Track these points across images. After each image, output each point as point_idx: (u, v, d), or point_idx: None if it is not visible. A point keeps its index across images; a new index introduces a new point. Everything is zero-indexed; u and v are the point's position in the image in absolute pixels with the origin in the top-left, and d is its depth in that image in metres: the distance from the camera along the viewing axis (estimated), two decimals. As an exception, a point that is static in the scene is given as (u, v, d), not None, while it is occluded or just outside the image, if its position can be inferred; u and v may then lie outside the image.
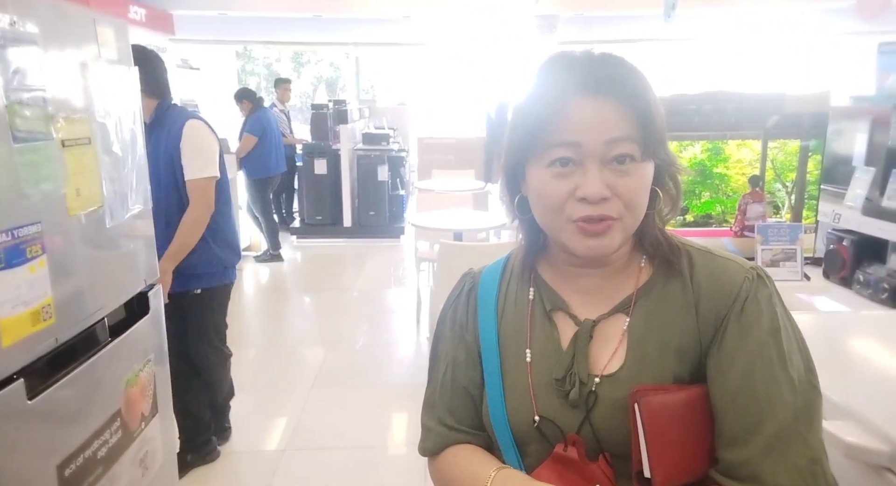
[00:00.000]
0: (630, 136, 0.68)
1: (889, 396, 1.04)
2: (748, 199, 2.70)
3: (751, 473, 0.65)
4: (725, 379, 0.69)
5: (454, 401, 0.82)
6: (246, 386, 3.13)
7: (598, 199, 0.67)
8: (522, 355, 0.77)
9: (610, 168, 0.68)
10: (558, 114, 0.68)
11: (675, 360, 0.71)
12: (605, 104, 0.68)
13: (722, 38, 8.52)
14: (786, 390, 0.67)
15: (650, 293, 0.75)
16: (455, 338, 0.84)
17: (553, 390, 0.74)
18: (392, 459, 2.52)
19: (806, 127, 2.71)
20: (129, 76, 1.52)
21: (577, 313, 0.77)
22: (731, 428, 0.67)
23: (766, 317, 0.69)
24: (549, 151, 0.69)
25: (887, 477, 0.88)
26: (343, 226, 6.24)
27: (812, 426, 0.67)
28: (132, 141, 1.51)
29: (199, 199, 2.09)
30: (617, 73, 0.69)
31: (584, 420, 0.72)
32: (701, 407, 0.69)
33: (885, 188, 3.11)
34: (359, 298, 4.59)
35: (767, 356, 0.68)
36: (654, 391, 0.69)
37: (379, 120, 7.44)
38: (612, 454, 0.72)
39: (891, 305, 3.24)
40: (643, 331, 0.73)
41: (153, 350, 1.63)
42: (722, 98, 2.45)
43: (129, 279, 1.53)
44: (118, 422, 1.45)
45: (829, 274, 3.67)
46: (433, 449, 0.83)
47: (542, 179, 0.70)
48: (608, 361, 0.73)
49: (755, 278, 0.71)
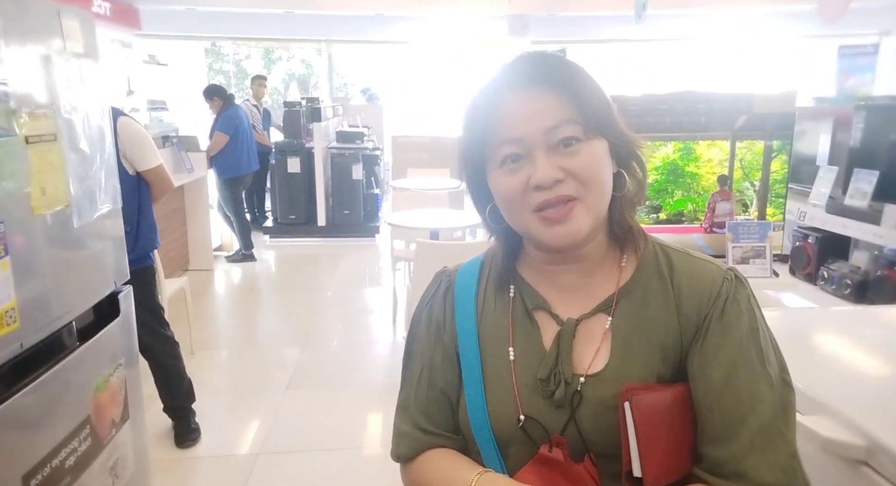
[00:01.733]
0: (568, 118, 0.69)
1: (863, 391, 1.06)
2: (717, 197, 2.76)
3: (735, 469, 0.66)
4: (709, 378, 0.69)
5: (430, 404, 0.81)
6: (218, 388, 3.07)
7: (551, 182, 0.68)
8: (505, 355, 0.76)
9: (558, 152, 0.69)
10: (495, 114, 0.71)
11: (659, 359, 0.72)
12: (537, 95, 0.70)
13: (690, 40, 8.69)
14: (765, 387, 0.68)
15: (632, 294, 0.75)
16: (431, 339, 0.82)
17: (537, 391, 0.74)
18: (370, 460, 2.50)
19: (773, 127, 2.78)
20: (96, 70, 1.47)
21: (559, 313, 0.77)
22: (715, 426, 0.68)
23: (746, 317, 0.71)
24: (497, 152, 0.71)
25: (863, 471, 0.90)
26: (317, 225, 6.17)
27: (788, 422, 0.68)
28: (100, 137, 1.46)
29: (163, 182, 2.37)
30: (542, 64, 0.72)
31: (569, 420, 0.72)
32: (685, 405, 0.70)
33: (847, 187, 3.22)
34: (334, 298, 4.54)
35: (748, 355, 0.69)
36: (643, 390, 0.69)
37: (353, 118, 7.38)
38: (596, 453, 0.72)
39: (853, 300, 3.34)
40: (627, 331, 0.73)
41: (124, 354, 1.58)
42: (692, 98, 2.49)
43: (99, 281, 1.48)
44: (87, 429, 1.40)
45: (795, 270, 3.78)
46: (407, 454, 0.81)
47: (499, 180, 0.72)
48: (591, 360, 0.73)
49: (733, 279, 0.73)
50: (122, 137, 2.17)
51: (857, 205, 3.11)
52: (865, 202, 3.08)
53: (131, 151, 2.24)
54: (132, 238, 2.26)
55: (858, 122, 3.38)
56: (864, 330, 1.33)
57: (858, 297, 3.19)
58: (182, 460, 2.46)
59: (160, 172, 2.36)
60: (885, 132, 3.22)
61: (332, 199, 6.18)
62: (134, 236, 2.29)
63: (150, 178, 2.33)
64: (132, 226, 2.27)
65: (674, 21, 8.03)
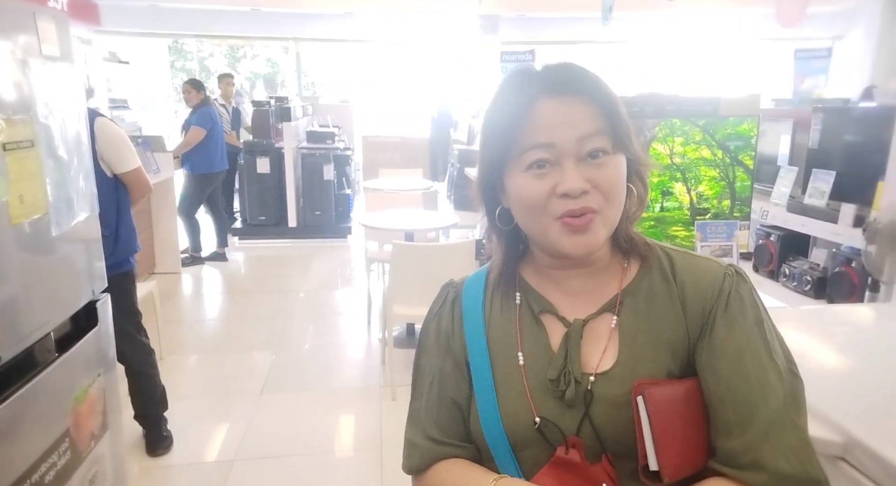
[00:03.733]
0: (600, 130, 0.70)
1: (838, 389, 1.11)
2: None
3: (752, 459, 0.67)
4: (718, 371, 0.71)
5: (441, 413, 0.81)
6: (189, 394, 3.01)
7: (579, 192, 0.69)
8: (514, 359, 0.77)
9: (585, 163, 0.70)
10: (528, 118, 0.70)
11: (667, 356, 0.73)
12: (573, 103, 0.70)
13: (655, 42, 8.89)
14: (774, 377, 0.70)
15: (637, 293, 0.77)
16: (441, 349, 0.83)
17: (548, 392, 0.74)
18: (346, 463, 2.49)
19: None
20: (73, 73, 1.43)
21: (566, 315, 0.78)
22: (727, 418, 0.69)
23: (750, 310, 0.73)
24: (525, 156, 0.71)
25: (841, 466, 0.95)
26: (288, 226, 6.09)
27: (800, 411, 0.70)
28: (77, 142, 1.42)
29: (142, 185, 2.33)
30: (578, 73, 0.72)
31: (583, 419, 0.72)
32: (697, 399, 0.71)
33: (807, 187, 3.35)
34: (306, 299, 4.50)
35: (755, 347, 0.71)
36: (655, 384, 0.70)
37: (323, 118, 7.30)
38: (612, 453, 0.72)
39: (814, 296, 3.48)
40: (634, 329, 0.75)
41: (102, 363, 1.54)
42: (661, 101, 2.55)
43: (76, 290, 1.44)
44: (66, 443, 1.36)
45: (759, 268, 3.92)
46: (419, 466, 0.80)
47: (522, 183, 0.72)
48: (600, 359, 0.74)
49: (734, 274, 0.75)
50: (99, 139, 2.12)
51: (816, 204, 3.25)
52: (823, 201, 3.22)
53: (109, 154, 2.18)
54: (111, 242, 2.21)
55: (816, 124, 3.53)
56: (833, 329, 1.39)
57: (818, 293, 3.33)
58: (155, 469, 2.40)
59: (139, 175, 2.31)
60: (840, 134, 3.38)
61: (303, 199, 6.11)
62: (113, 240, 2.24)
63: (128, 180, 2.27)
64: (111, 230, 2.21)
65: (639, 23, 8.20)
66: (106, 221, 2.08)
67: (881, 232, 2.15)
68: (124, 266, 2.32)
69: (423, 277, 2.79)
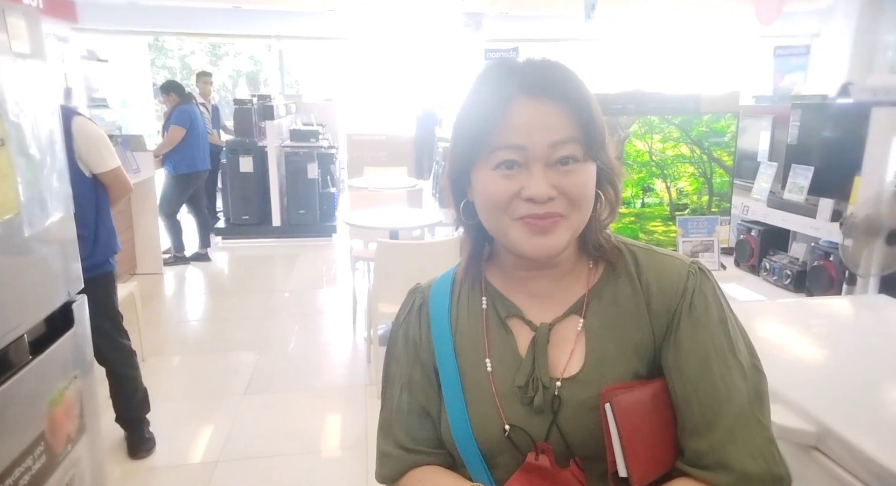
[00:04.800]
0: (573, 137, 0.69)
1: (812, 379, 1.13)
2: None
3: (717, 460, 0.68)
4: (684, 373, 0.71)
5: (412, 422, 0.80)
6: (172, 396, 2.98)
7: (545, 199, 0.68)
8: (483, 367, 0.76)
9: (554, 169, 0.69)
10: (502, 117, 0.68)
11: (634, 357, 0.73)
12: (549, 107, 0.68)
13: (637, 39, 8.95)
14: (738, 376, 0.70)
15: (602, 294, 0.76)
16: (409, 357, 0.82)
17: (517, 398, 0.74)
18: (332, 462, 2.48)
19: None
20: (44, 70, 1.40)
21: (532, 318, 0.77)
22: (693, 418, 0.70)
23: (714, 308, 0.73)
24: (495, 154, 0.69)
25: (815, 456, 0.96)
26: (272, 225, 6.04)
27: (763, 407, 0.71)
28: (50, 142, 1.39)
29: (121, 185, 2.29)
30: (559, 76, 0.70)
31: (551, 425, 0.72)
32: (664, 401, 0.72)
33: (786, 182, 3.40)
34: (291, 299, 4.47)
35: (720, 346, 0.71)
36: (623, 390, 0.70)
37: (306, 116, 7.26)
38: (581, 456, 0.72)
39: (793, 289, 3.53)
40: (600, 331, 0.74)
41: (79, 366, 1.52)
42: (643, 98, 2.57)
43: (51, 291, 1.42)
44: (42, 446, 1.34)
45: (740, 262, 3.97)
46: (392, 475, 0.80)
47: (488, 181, 0.70)
48: (567, 362, 0.74)
49: (697, 272, 0.75)
50: (77, 138, 2.08)
51: (795, 199, 3.29)
52: (802, 197, 3.27)
53: (87, 153, 2.14)
54: (90, 243, 2.18)
55: (794, 120, 3.58)
56: (808, 321, 1.41)
57: (798, 286, 3.38)
58: (137, 471, 2.38)
59: (118, 175, 2.27)
60: (818, 130, 3.42)
61: (287, 198, 6.07)
62: (92, 241, 2.20)
63: (107, 180, 2.23)
64: (90, 230, 2.17)
65: (622, 21, 8.26)
66: (84, 222, 2.05)
67: (858, 226, 2.19)
68: (104, 267, 2.29)
69: (409, 275, 2.75)
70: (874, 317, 1.48)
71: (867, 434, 0.91)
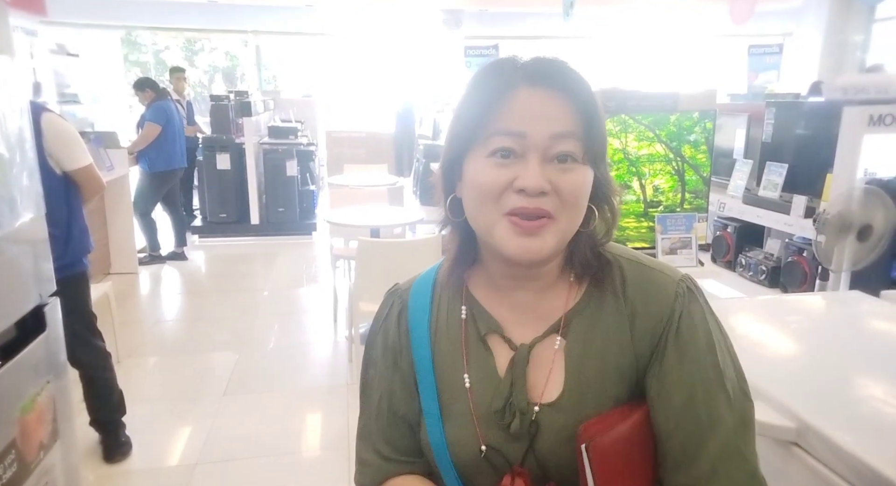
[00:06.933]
0: (575, 133, 0.66)
1: (791, 376, 1.15)
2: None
3: None
4: (667, 404, 0.69)
5: (391, 430, 0.78)
6: (148, 398, 2.92)
7: (537, 192, 0.64)
8: (460, 381, 0.74)
9: (551, 165, 0.66)
10: (505, 101, 0.66)
11: (614, 381, 0.70)
12: (554, 97, 0.66)
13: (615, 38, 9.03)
14: (724, 406, 0.68)
15: (583, 313, 0.73)
16: (388, 364, 0.79)
17: (494, 421, 0.72)
18: (313, 462, 2.46)
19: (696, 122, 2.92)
20: (12, 66, 1.36)
21: (512, 337, 0.74)
22: (675, 451, 0.68)
23: (702, 333, 0.70)
24: (492, 140, 0.66)
25: (794, 451, 0.98)
26: (250, 223, 5.97)
27: (748, 437, 0.68)
28: (20, 139, 1.35)
29: (94, 182, 2.24)
30: (566, 70, 0.68)
31: (527, 450, 0.71)
32: (645, 432, 0.70)
33: (761, 179, 3.46)
34: (270, 298, 4.42)
35: (706, 376, 0.68)
36: (600, 429, 0.67)
37: (285, 112, 7.17)
38: (558, 482, 0.71)
39: (768, 285, 3.59)
40: (580, 354, 0.72)
41: (52, 370, 1.48)
42: (622, 96, 2.59)
43: (22, 295, 1.37)
44: (13, 455, 1.30)
45: (717, 258, 4.03)
46: (371, 484, 0.79)
47: (481, 169, 0.67)
48: (545, 386, 0.71)
49: (685, 292, 0.71)
50: (47, 135, 2.02)
51: (770, 196, 3.35)
52: (777, 193, 3.33)
53: (58, 150, 2.09)
54: (62, 242, 2.12)
55: (769, 118, 3.64)
56: (786, 317, 1.44)
57: (772, 281, 3.45)
58: (113, 476, 2.33)
59: (90, 172, 2.22)
60: (792, 128, 3.49)
61: (266, 196, 6.00)
62: (64, 241, 2.14)
63: (79, 178, 2.18)
64: (62, 230, 2.12)
65: (600, 19, 8.32)
66: (56, 221, 1.99)
67: (830, 223, 2.24)
68: (77, 267, 2.23)
69: (390, 273, 2.74)
70: (849, 313, 1.52)
71: (845, 430, 0.92)
